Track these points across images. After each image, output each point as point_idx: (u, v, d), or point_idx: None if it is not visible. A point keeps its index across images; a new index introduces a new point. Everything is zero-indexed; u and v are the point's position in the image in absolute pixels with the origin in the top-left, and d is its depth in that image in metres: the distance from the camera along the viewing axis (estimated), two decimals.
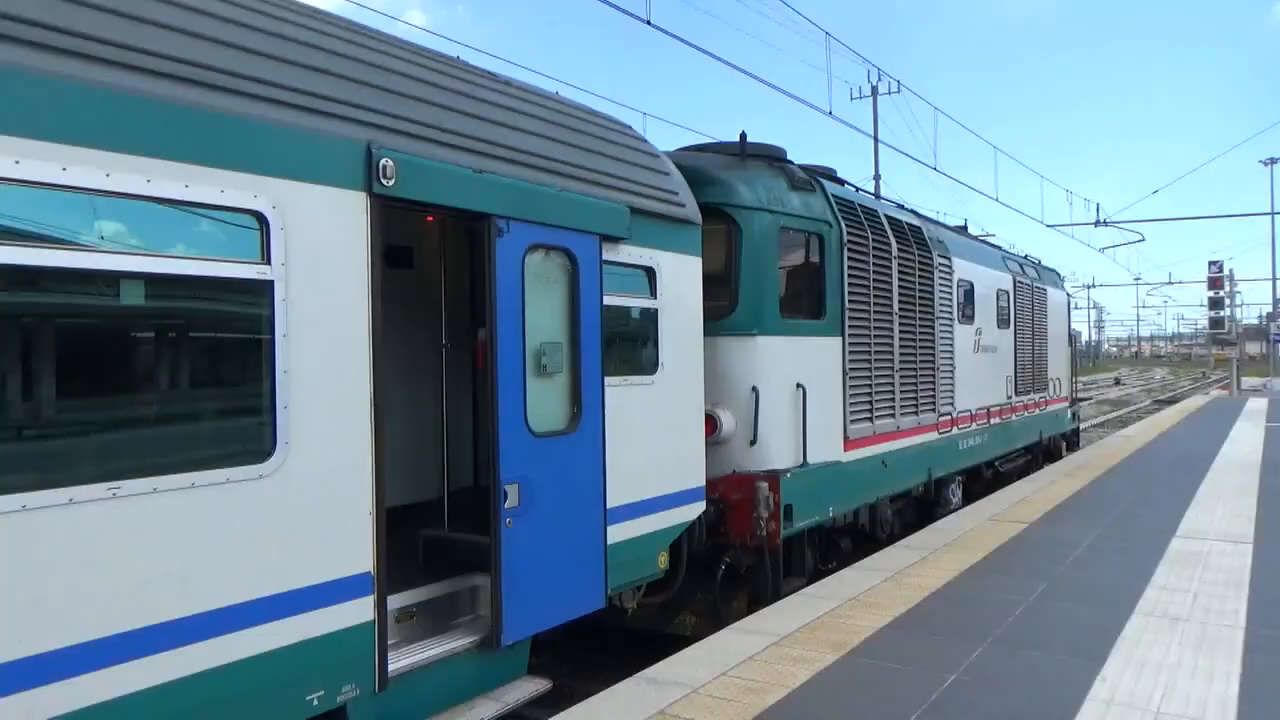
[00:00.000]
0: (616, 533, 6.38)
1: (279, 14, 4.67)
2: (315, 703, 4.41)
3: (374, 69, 5.02)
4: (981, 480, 13.68)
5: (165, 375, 3.99)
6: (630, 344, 6.83)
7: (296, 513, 4.30)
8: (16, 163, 3.39)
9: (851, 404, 9.31)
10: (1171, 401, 43.27)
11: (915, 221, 11.59)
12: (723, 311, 8.09)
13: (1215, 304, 41.51)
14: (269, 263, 4.22)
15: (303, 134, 4.41)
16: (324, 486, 4.44)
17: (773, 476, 7.93)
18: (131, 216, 3.78)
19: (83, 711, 3.52)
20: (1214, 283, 40.58)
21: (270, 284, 4.22)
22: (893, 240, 10.35)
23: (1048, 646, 6.03)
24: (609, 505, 6.29)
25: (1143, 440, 19.50)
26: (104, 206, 3.68)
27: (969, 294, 12.85)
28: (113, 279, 3.74)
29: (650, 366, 6.88)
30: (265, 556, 4.16)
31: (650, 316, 6.90)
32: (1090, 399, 44.84)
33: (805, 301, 8.88)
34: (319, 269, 4.45)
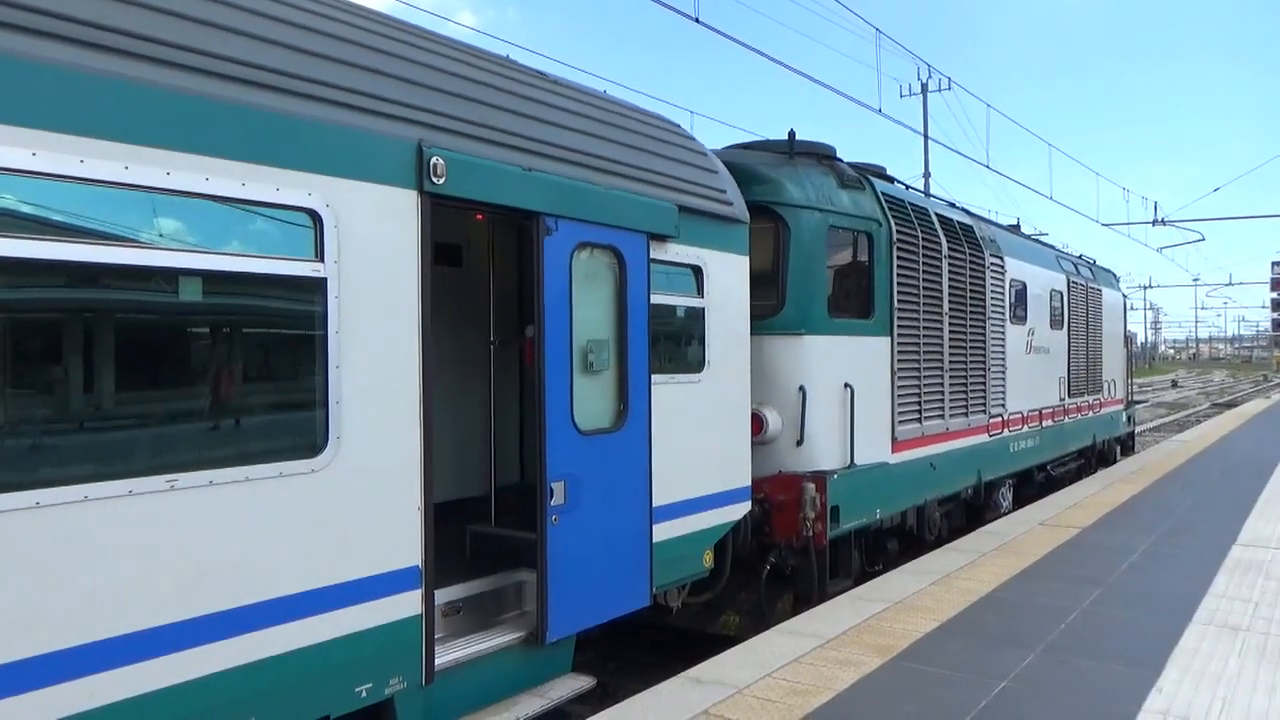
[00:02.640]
0: (662, 531, 6.38)
1: (331, 14, 4.73)
2: (363, 694, 4.48)
3: (425, 68, 5.07)
4: (1033, 484, 13.43)
5: (222, 370, 4.07)
6: (677, 342, 6.82)
7: (347, 506, 4.36)
8: (81, 162, 3.47)
9: (900, 405, 9.20)
10: (1231, 405, 42.13)
11: (966, 220, 11.42)
12: (770, 310, 8.04)
13: (1278, 305, 40.28)
14: (322, 260, 4.28)
15: (355, 133, 4.46)
16: (374, 481, 4.50)
17: (819, 477, 7.87)
18: (190, 214, 3.85)
19: (139, 698, 3.61)
20: (1277, 284, 39.38)
21: (323, 281, 4.28)
22: (943, 239, 10.21)
23: (1101, 655, 5.90)
24: (654, 503, 6.29)
25: (1201, 445, 18.99)
26: (164, 205, 3.77)
27: (1021, 294, 12.62)
28: (171, 275, 3.82)
29: (697, 365, 6.86)
30: (316, 549, 4.23)
31: (697, 315, 6.88)
32: (1146, 402, 43.83)
33: (854, 301, 8.80)
34: (371, 266, 4.51)
